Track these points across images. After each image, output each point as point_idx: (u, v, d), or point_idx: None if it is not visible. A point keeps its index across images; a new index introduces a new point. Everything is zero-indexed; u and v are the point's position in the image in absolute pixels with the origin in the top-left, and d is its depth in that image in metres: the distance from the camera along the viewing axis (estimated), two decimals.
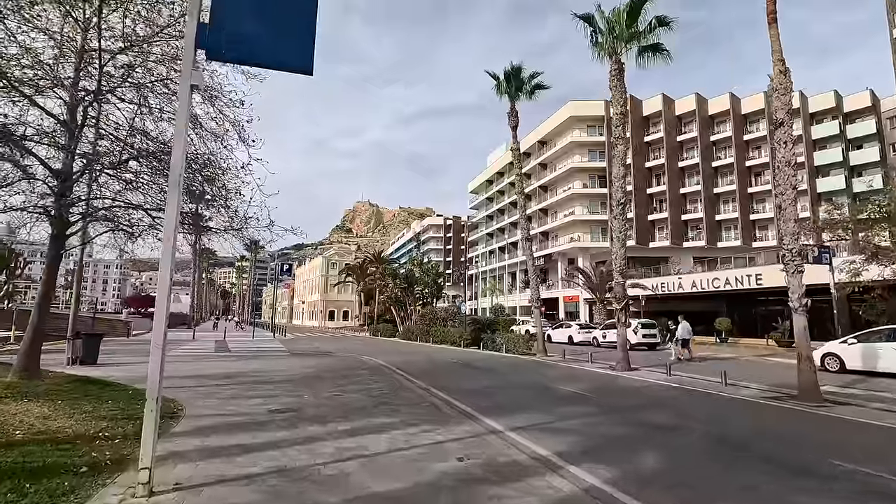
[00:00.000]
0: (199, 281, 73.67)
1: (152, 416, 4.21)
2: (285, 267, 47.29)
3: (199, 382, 11.13)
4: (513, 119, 21.55)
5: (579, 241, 51.70)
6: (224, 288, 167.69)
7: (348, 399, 9.26)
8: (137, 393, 9.00)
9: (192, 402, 8.45)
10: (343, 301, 77.65)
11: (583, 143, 53.36)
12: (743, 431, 7.50)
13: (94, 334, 14.68)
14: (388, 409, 8.25)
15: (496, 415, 8.07)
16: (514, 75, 21.07)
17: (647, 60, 16.58)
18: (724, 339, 32.47)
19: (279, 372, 13.53)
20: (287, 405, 8.43)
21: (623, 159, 15.89)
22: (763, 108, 49.07)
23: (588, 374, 14.67)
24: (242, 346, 25.29)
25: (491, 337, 24.12)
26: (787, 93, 10.58)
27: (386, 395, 9.76)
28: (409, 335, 33.58)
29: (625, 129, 16.03)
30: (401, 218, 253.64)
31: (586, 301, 49.55)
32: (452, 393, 10.32)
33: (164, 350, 4.31)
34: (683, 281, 36.62)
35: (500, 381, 13.20)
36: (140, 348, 21.51)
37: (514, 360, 18.95)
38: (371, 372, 14.00)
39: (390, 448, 5.79)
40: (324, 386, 10.96)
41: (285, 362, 16.74)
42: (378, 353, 21.34)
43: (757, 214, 49.14)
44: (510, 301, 61.28)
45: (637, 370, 15.31)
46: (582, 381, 13.09)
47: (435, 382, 11.94)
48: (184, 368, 13.91)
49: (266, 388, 10.53)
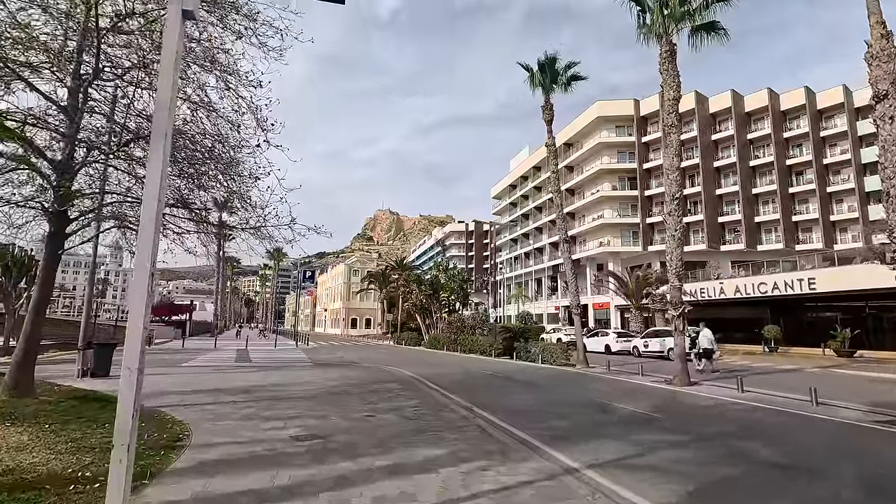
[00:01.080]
0: (224, 289, 73.85)
1: (121, 469, 2.94)
2: (308, 274, 46.57)
3: (214, 398, 9.99)
4: (547, 113, 20.15)
5: (609, 245, 49.70)
6: (248, 296, 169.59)
7: (382, 421, 7.94)
8: (143, 412, 7.86)
9: (202, 424, 7.26)
10: (365, 309, 76.81)
11: (611, 143, 51.51)
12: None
13: (106, 344, 13.75)
14: (431, 437, 6.90)
15: (562, 445, 6.64)
16: (549, 66, 19.70)
17: (701, 41, 15.08)
18: (773, 348, 30.13)
19: (302, 386, 12.33)
20: (311, 429, 7.16)
21: (676, 149, 14.33)
22: (803, 103, 46.56)
23: (643, 390, 13.05)
24: (264, 355, 24.31)
25: (524, 346, 22.57)
26: (890, 60, 8.95)
27: (424, 417, 8.42)
28: (436, 344, 32.21)
29: (677, 117, 14.48)
30: (421, 226, 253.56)
31: (617, 308, 47.47)
32: (499, 413, 8.92)
33: (140, 379, 3.05)
34: (725, 286, 34.38)
35: (547, 397, 11.72)
36: (159, 358, 20.68)
37: (553, 372, 17.40)
38: (402, 386, 12.68)
39: (447, 499, 4.43)
40: (351, 403, 9.68)
41: (308, 374, 15.56)
42: (405, 364, 20.04)
43: (800, 216, 46.40)
44: (536, 308, 59.42)
45: (698, 384, 13.63)
46: (640, 397, 11.51)
47: (475, 399, 10.55)
48: (200, 381, 12.83)
49: (287, 405, 9.31)
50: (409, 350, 32.71)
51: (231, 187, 8.79)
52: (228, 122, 8.71)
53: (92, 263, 13.38)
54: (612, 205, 51.17)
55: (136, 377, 3.01)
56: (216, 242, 10.33)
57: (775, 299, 33.17)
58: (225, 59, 8.35)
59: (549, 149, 20.42)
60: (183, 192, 8.53)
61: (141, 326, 3.05)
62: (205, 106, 8.42)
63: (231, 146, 8.39)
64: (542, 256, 63.07)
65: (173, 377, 13.56)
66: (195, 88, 7.83)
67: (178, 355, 22.54)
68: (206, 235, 10.49)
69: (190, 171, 7.89)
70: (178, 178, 8.19)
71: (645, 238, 48.90)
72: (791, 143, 47.75)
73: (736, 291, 33.78)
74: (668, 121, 14.34)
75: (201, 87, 7.84)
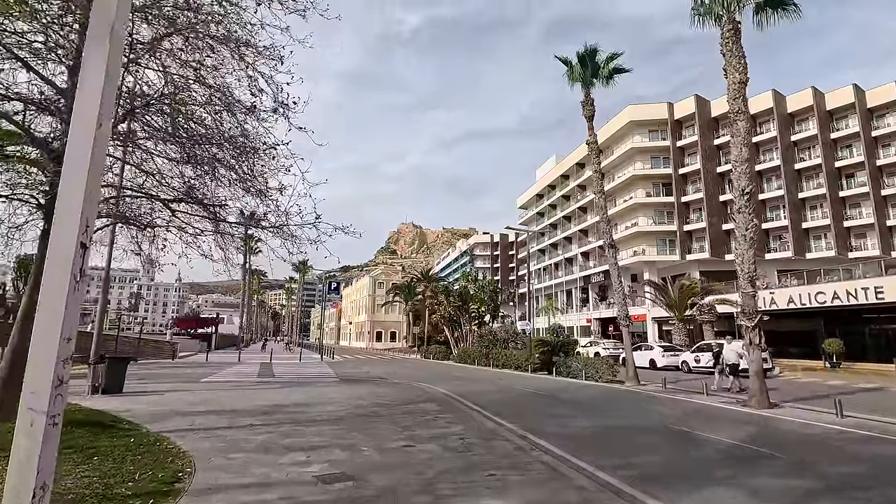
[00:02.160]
0: (250, 303, 73.95)
1: None
2: (333, 285, 45.74)
3: (230, 420, 8.77)
4: (588, 108, 18.69)
5: (644, 254, 47.38)
6: (274, 309, 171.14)
7: (424, 454, 6.54)
8: (144, 439, 6.67)
9: (209, 457, 5.99)
10: (390, 321, 75.70)
11: (644, 148, 49.47)
12: None
13: (120, 357, 12.78)
14: (490, 479, 5.46)
15: (660, 491, 5.11)
16: (589, 58, 18.30)
17: (767, 20, 13.48)
18: (835, 364, 27.49)
19: (327, 406, 11.02)
20: (339, 464, 5.82)
21: (745, 138, 12.66)
22: (852, 102, 43.75)
23: (718, 413, 11.28)
24: (288, 369, 23.21)
25: (564, 361, 20.84)
26: None
27: (474, 448, 6.98)
28: (465, 358, 30.61)
29: (745, 102, 12.84)
30: (444, 239, 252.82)
31: (654, 320, 45.01)
32: (561, 443, 7.40)
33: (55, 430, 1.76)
34: (777, 296, 31.88)
35: (608, 421, 10.10)
36: (180, 372, 19.81)
37: (602, 391, 15.68)
38: (439, 406, 11.25)
39: None
40: (384, 429, 8.31)
41: (334, 391, 14.28)
42: (437, 380, 18.59)
43: (852, 221, 43.29)
44: (567, 321, 57.17)
45: (779, 406, 11.78)
46: (721, 423, 9.79)
47: (526, 424, 9.04)
48: (217, 400, 11.68)
49: (311, 430, 8.00)
50: (437, 364, 31.20)
51: (248, 179, 7.62)
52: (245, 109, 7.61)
53: (105, 271, 12.47)
54: (647, 212, 48.95)
55: (45, 427, 1.71)
56: (234, 245, 9.16)
57: (832, 310, 30.51)
58: (240, 32, 7.27)
59: (591, 146, 18.91)
60: (192, 182, 7.40)
61: (56, 343, 1.76)
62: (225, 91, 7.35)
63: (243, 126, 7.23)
64: (573, 267, 60.95)
65: (190, 394, 12.46)
66: (197, 57, 6.70)
67: (200, 369, 21.64)
68: (223, 237, 9.36)
69: (193, 151, 6.73)
70: (186, 165, 7.08)
71: (683, 246, 46.44)
72: (839, 144, 44.87)
73: (789, 302, 31.26)
74: (735, 106, 12.72)
75: (202, 62, 6.68)
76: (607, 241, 18.03)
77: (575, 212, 60.95)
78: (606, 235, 18.10)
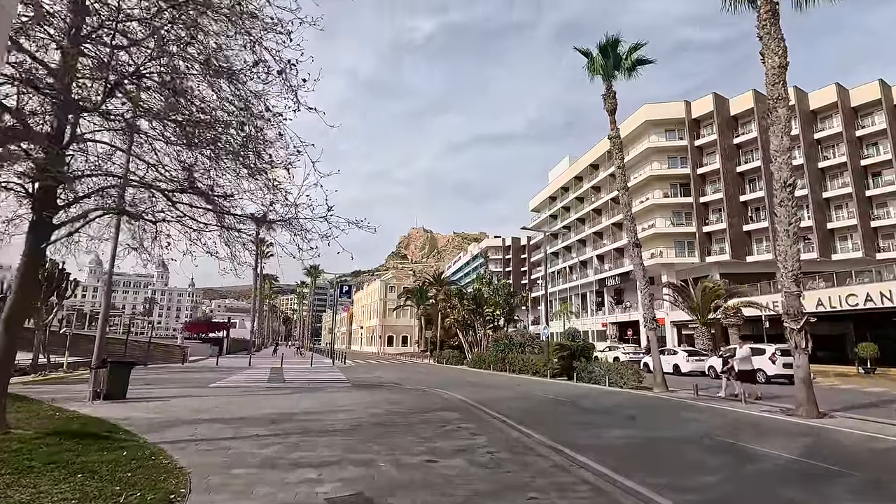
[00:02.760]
0: (261, 307, 73.83)
1: None
2: (344, 288, 45.23)
3: (235, 430, 8.09)
4: (610, 102, 17.88)
5: (661, 256, 46.17)
6: (286, 314, 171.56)
7: (448, 470, 5.79)
8: (138, 453, 5.99)
9: (208, 474, 5.30)
10: (402, 326, 75.02)
11: (661, 148, 48.37)
12: None
13: (122, 362, 12.20)
14: (531, 502, 4.68)
15: None
16: (612, 48, 17.51)
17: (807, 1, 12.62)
18: (870, 369, 26.18)
19: (339, 414, 10.31)
20: (353, 483, 5.09)
21: (785, 126, 11.76)
22: (878, 98, 42.24)
23: (765, 423, 10.36)
24: (299, 374, 22.58)
25: (585, 366, 19.92)
26: None
27: (503, 463, 6.21)
28: (480, 363, 29.75)
29: (784, 87, 11.95)
30: (455, 243, 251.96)
31: (674, 324, 43.77)
32: (600, 458, 6.60)
33: None
34: (805, 298, 30.49)
35: (645, 432, 9.25)
36: (190, 377, 19.27)
37: (629, 398, 14.79)
38: (459, 415, 10.48)
39: None
40: (402, 440, 7.57)
41: (346, 397, 13.58)
42: (453, 386, 17.81)
43: (879, 221, 41.71)
44: (582, 325, 56.01)
45: (828, 416, 10.81)
46: (770, 435, 8.90)
47: (556, 435, 8.24)
48: (223, 406, 11.03)
49: (322, 442, 7.29)
50: (451, 369, 30.39)
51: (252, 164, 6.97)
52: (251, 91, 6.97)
53: (109, 272, 11.94)
54: (664, 213, 47.78)
55: None
56: (241, 241, 8.49)
57: (864, 313, 29.21)
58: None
59: (613, 141, 18.07)
60: (192, 168, 6.75)
61: None
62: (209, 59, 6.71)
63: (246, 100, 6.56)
64: (587, 270, 59.82)
65: (195, 400, 11.84)
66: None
67: (210, 374, 21.09)
68: (228, 231, 8.71)
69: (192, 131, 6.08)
70: (186, 150, 6.44)
71: (702, 248, 45.16)
72: (865, 142, 43.35)
73: (818, 304, 29.97)
74: (774, 92, 11.84)
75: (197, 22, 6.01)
76: (632, 240, 17.15)
77: (589, 214, 59.87)
78: (631, 233, 17.23)
